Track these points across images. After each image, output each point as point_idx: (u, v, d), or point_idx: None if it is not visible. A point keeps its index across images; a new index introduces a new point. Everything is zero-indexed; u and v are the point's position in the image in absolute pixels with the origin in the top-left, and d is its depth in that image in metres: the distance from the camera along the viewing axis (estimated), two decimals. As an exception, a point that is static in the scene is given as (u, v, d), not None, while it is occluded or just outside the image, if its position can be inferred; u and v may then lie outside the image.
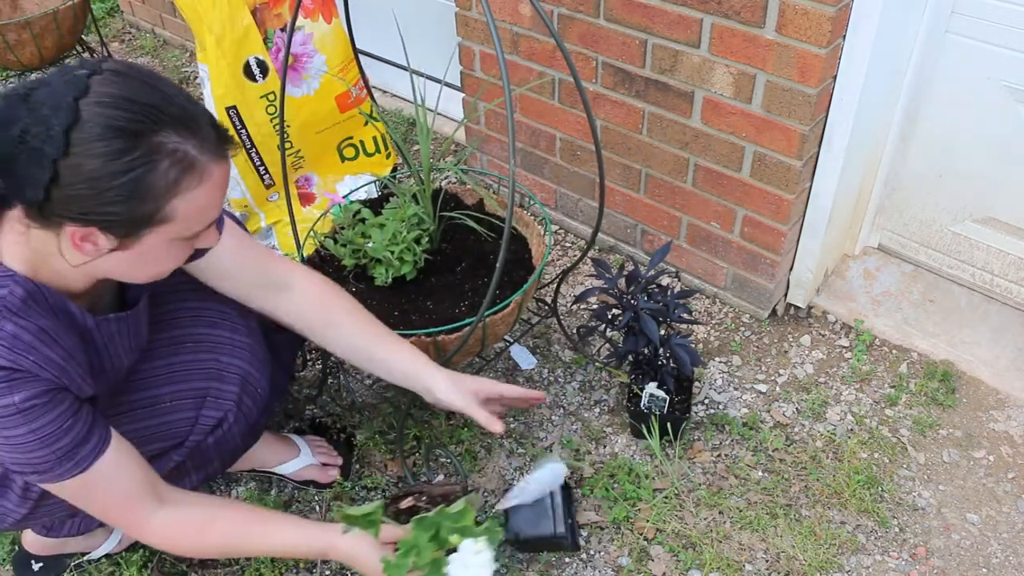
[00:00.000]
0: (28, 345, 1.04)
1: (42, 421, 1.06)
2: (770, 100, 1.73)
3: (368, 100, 2.30)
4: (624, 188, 2.15)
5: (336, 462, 1.77)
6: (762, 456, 1.78)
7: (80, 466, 1.12)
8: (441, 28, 2.52)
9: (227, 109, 2.11)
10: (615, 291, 1.72)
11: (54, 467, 1.10)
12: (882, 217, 2.12)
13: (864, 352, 1.98)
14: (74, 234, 1.00)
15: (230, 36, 2.02)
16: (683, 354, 1.67)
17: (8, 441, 1.06)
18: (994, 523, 1.65)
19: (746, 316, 2.11)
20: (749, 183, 1.88)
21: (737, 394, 1.91)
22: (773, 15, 1.62)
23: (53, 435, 1.08)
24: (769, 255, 1.96)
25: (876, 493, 1.70)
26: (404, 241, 1.68)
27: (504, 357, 2.02)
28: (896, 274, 2.12)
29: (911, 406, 1.87)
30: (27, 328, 1.04)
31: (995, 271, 2.00)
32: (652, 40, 1.84)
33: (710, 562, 1.59)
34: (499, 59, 1.18)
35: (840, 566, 1.59)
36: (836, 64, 1.67)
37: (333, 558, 1.33)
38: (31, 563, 1.62)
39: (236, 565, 1.64)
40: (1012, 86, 1.73)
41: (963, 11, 1.72)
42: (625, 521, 1.67)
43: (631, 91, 1.96)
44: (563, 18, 1.96)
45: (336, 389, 1.98)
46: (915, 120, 1.91)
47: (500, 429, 1.41)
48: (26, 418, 1.05)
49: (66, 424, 1.09)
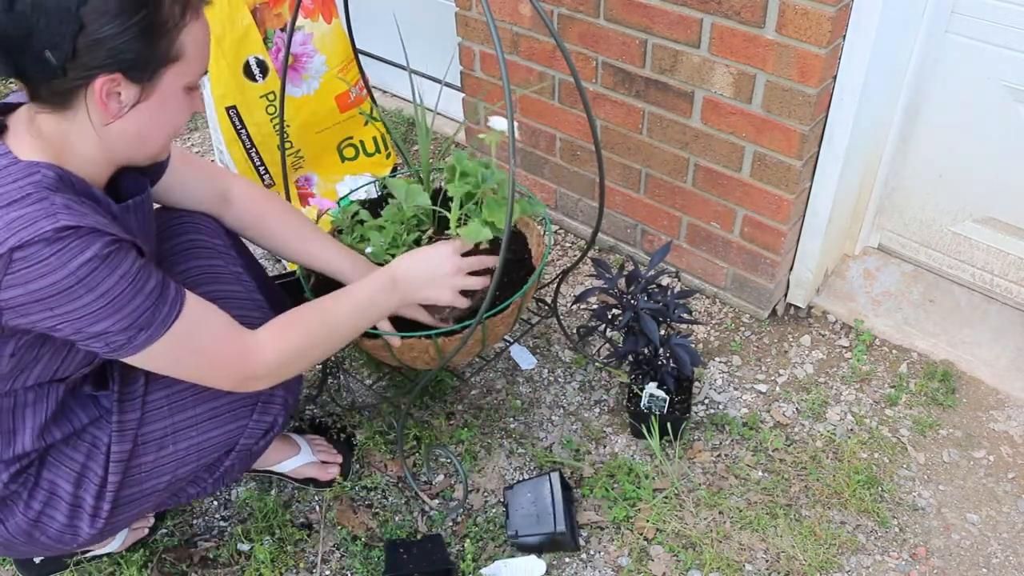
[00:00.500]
0: (81, 211, 1.06)
1: (125, 266, 1.07)
2: (770, 100, 1.73)
3: (368, 100, 2.30)
4: (624, 188, 2.15)
5: (336, 460, 1.77)
6: (762, 456, 1.78)
7: (175, 307, 1.14)
8: (441, 28, 2.52)
9: (227, 109, 2.11)
10: (615, 291, 1.72)
11: (155, 313, 1.11)
12: (882, 217, 2.12)
13: (864, 352, 1.98)
14: (101, 89, 1.04)
15: (230, 36, 2.02)
16: (683, 354, 1.67)
17: (105, 299, 1.06)
18: (994, 523, 1.65)
19: (746, 316, 2.11)
20: (749, 183, 1.88)
21: (737, 394, 1.91)
22: (773, 15, 1.62)
23: (140, 279, 1.09)
24: (769, 255, 1.96)
25: (876, 493, 1.70)
26: (404, 244, 1.68)
27: (504, 357, 2.02)
28: (896, 274, 2.12)
29: (911, 406, 1.87)
30: (73, 199, 1.07)
31: (995, 271, 2.00)
32: (652, 40, 1.84)
33: (710, 562, 1.59)
34: (499, 59, 1.18)
35: (840, 566, 1.59)
36: (836, 64, 1.67)
37: (399, 273, 1.42)
38: (32, 558, 1.62)
39: (236, 565, 1.65)
40: (1012, 86, 1.73)
41: (963, 11, 1.72)
42: (625, 521, 1.67)
43: (631, 91, 1.96)
44: (563, 18, 1.96)
45: (336, 389, 1.98)
46: (915, 120, 1.91)
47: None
48: (110, 266, 1.06)
49: (145, 268, 1.11)
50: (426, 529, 1.69)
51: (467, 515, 1.71)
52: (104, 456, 1.31)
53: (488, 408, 1.91)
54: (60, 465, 1.30)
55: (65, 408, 1.29)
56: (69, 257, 1.03)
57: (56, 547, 1.34)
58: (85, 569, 1.63)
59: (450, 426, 1.87)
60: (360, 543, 1.65)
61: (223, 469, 1.44)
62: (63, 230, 1.03)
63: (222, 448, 1.40)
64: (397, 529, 1.69)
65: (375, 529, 1.69)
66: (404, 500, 1.75)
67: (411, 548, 1.60)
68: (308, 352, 1.31)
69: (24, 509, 1.28)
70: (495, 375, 1.99)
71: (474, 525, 1.68)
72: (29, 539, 1.30)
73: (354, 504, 1.74)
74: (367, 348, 1.59)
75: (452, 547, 1.65)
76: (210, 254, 1.46)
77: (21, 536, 1.29)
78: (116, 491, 1.32)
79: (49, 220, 1.03)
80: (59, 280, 1.03)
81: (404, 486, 1.77)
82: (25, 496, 1.28)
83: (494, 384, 1.97)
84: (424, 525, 1.70)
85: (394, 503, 1.74)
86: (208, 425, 1.37)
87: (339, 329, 1.35)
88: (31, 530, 1.29)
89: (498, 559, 1.62)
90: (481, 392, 1.95)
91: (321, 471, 1.75)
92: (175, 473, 1.36)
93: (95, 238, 1.05)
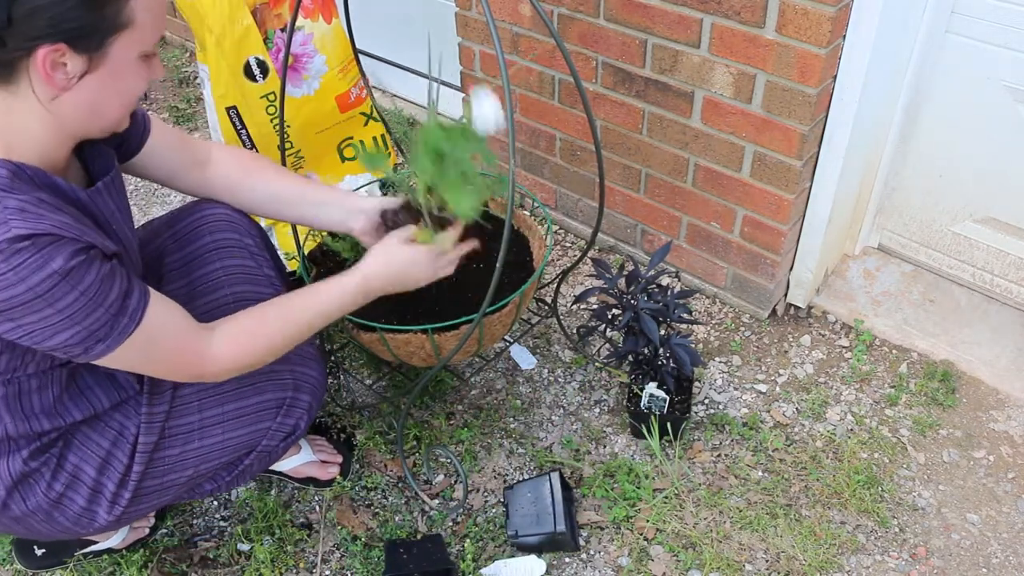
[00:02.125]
0: (37, 213, 1.01)
1: (87, 281, 1.03)
2: (770, 100, 1.73)
3: (368, 100, 2.30)
4: (624, 188, 2.15)
5: (336, 460, 1.77)
6: (762, 456, 1.78)
7: (135, 318, 1.10)
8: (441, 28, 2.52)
9: (227, 109, 2.11)
10: (615, 291, 1.72)
11: (113, 325, 1.08)
12: (882, 217, 2.12)
13: (864, 352, 1.98)
14: (44, 60, 0.98)
15: (230, 36, 2.02)
16: (683, 354, 1.67)
17: (63, 313, 1.03)
18: (994, 523, 1.65)
19: (746, 316, 2.11)
20: (749, 183, 1.88)
21: (737, 394, 1.91)
22: (773, 15, 1.62)
23: (101, 292, 1.05)
24: (769, 255, 1.96)
25: (876, 493, 1.70)
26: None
27: (504, 357, 2.02)
28: (896, 274, 2.12)
29: (911, 406, 1.87)
30: (28, 200, 1.01)
31: (995, 271, 2.00)
32: (652, 40, 1.84)
33: (710, 562, 1.59)
34: (499, 59, 1.19)
35: (840, 566, 1.59)
36: (836, 64, 1.67)
37: (372, 282, 1.35)
38: (34, 549, 1.63)
39: (236, 565, 1.65)
40: (1012, 86, 1.73)
41: (963, 11, 1.72)
42: (625, 521, 1.67)
43: (631, 91, 1.96)
44: (563, 18, 1.96)
45: (336, 389, 1.98)
46: (915, 120, 1.91)
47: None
48: (71, 283, 1.01)
49: (108, 279, 1.07)
50: (426, 529, 1.69)
51: (467, 515, 1.71)
52: (130, 445, 1.32)
53: (488, 408, 1.91)
54: (85, 449, 1.30)
55: (81, 385, 1.29)
56: (28, 272, 0.98)
57: (72, 530, 1.35)
58: (85, 569, 1.63)
59: (450, 426, 1.87)
60: (360, 543, 1.65)
61: (241, 468, 1.45)
62: (17, 240, 0.97)
63: (244, 448, 1.41)
64: (397, 529, 1.69)
65: (375, 529, 1.69)
66: (404, 500, 1.75)
67: (411, 548, 1.60)
68: (264, 357, 1.30)
69: (46, 489, 1.29)
70: (495, 375, 1.99)
71: (474, 525, 1.68)
72: (48, 519, 1.31)
73: (354, 504, 1.74)
74: (363, 341, 1.59)
75: (452, 547, 1.65)
76: (243, 254, 1.47)
77: (40, 514, 1.30)
78: (138, 481, 1.33)
79: (1, 229, 0.97)
80: (18, 295, 0.99)
81: (404, 486, 1.77)
82: (48, 476, 1.29)
83: (494, 384, 1.97)
84: (424, 525, 1.70)
85: (394, 503, 1.74)
86: (234, 424, 1.38)
87: (301, 333, 1.32)
88: (51, 510, 1.30)
89: (498, 559, 1.62)
90: (481, 392, 1.95)
91: (321, 470, 1.75)
92: (197, 468, 1.37)
93: (55, 250, 1.00)
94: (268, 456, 1.47)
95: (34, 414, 1.25)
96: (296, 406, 1.44)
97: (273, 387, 1.42)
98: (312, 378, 1.47)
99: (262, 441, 1.43)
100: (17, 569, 1.65)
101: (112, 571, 1.63)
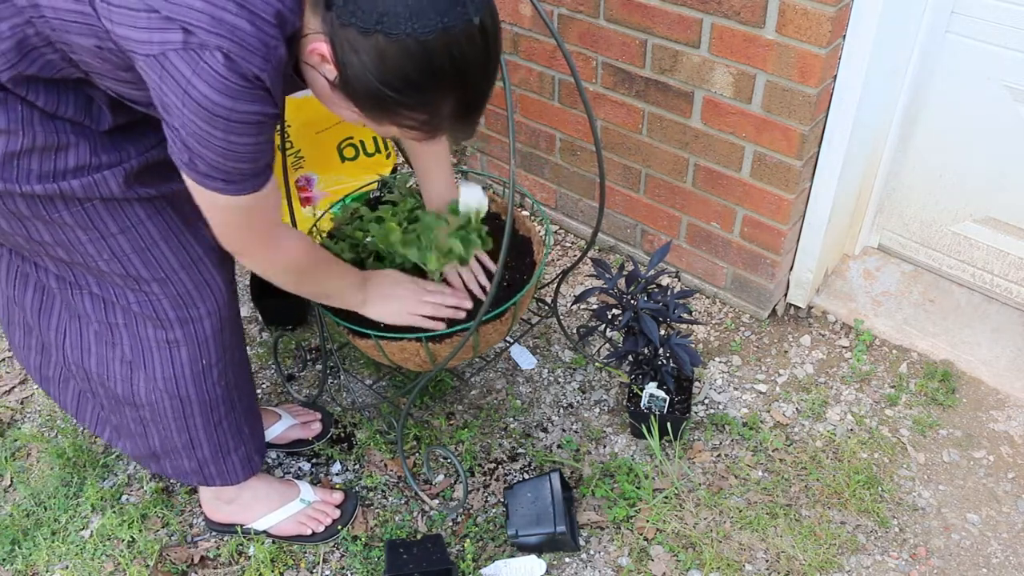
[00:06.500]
0: (273, 77, 1.08)
1: (265, 136, 1.13)
2: (770, 100, 1.73)
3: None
4: (624, 188, 2.15)
5: (315, 416, 1.86)
6: (762, 456, 1.78)
7: (263, 180, 1.19)
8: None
9: (227, 109, 2.11)
10: (615, 291, 1.72)
11: (251, 178, 1.17)
12: (882, 217, 2.12)
13: (864, 352, 1.98)
14: (314, 50, 1.07)
15: (230, 36, 2.02)
16: (683, 354, 1.67)
17: (232, 146, 1.10)
18: (994, 523, 1.65)
19: (746, 316, 2.11)
20: (749, 183, 1.88)
21: (737, 394, 1.91)
22: (773, 15, 1.62)
23: (264, 151, 1.15)
24: (769, 255, 1.96)
25: (876, 493, 1.70)
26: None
27: (504, 357, 2.02)
28: (896, 274, 2.13)
29: (911, 406, 1.87)
30: (276, 68, 1.09)
31: (995, 271, 2.00)
32: (652, 40, 1.84)
33: (710, 562, 1.59)
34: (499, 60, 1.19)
35: (840, 566, 1.59)
36: (836, 64, 1.67)
37: (371, 282, 1.50)
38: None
39: (236, 565, 1.65)
40: (1012, 86, 1.73)
41: (963, 11, 1.72)
42: (625, 521, 1.67)
43: (631, 91, 1.96)
44: (563, 18, 1.96)
45: (336, 389, 1.98)
46: (915, 120, 1.91)
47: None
48: (258, 129, 1.11)
49: (270, 145, 1.17)
50: (426, 529, 1.70)
51: (467, 515, 1.71)
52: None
53: (488, 408, 1.91)
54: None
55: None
56: (236, 98, 1.05)
57: None
58: (84, 566, 1.63)
59: (450, 426, 1.87)
60: (360, 543, 1.65)
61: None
62: (254, 79, 1.05)
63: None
64: (397, 529, 1.69)
65: (375, 529, 1.69)
66: (404, 500, 1.75)
67: (411, 548, 1.60)
68: (299, 278, 1.38)
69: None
70: (495, 375, 1.99)
71: (474, 525, 1.68)
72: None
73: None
74: (359, 346, 1.59)
75: (452, 547, 1.65)
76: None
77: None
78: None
79: (257, 63, 1.04)
80: (214, 104, 1.05)
81: (404, 486, 1.77)
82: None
83: (494, 384, 1.97)
84: (424, 525, 1.70)
85: (394, 503, 1.74)
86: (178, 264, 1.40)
87: (316, 284, 1.42)
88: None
89: (498, 559, 1.62)
90: (481, 392, 1.95)
91: (305, 429, 1.83)
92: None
93: (264, 101, 1.08)
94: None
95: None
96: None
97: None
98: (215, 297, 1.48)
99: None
100: (17, 569, 1.65)
101: (112, 570, 1.64)
